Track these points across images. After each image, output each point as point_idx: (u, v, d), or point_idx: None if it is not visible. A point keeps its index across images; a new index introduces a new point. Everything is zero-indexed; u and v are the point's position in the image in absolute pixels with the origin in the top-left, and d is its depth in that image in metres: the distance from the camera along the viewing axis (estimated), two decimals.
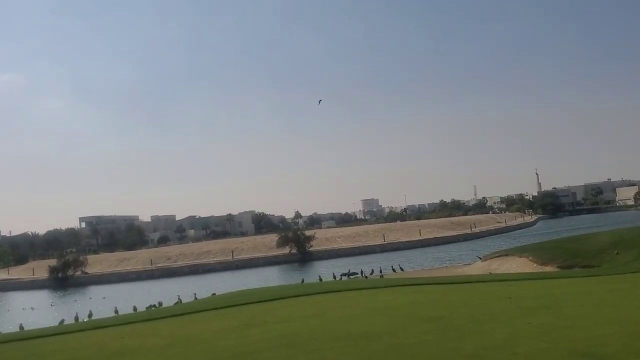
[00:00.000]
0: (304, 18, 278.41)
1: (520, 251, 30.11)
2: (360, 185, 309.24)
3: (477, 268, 31.34)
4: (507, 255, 30.81)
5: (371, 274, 37.37)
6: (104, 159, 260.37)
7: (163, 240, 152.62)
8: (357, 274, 38.50)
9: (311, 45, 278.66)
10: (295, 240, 77.13)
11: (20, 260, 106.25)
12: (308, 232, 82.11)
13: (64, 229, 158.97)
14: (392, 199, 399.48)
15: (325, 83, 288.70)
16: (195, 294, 33.06)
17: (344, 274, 37.95)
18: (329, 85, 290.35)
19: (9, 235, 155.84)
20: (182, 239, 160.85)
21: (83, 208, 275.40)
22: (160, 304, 30.49)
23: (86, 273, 73.15)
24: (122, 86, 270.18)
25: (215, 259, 78.37)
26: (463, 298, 12.79)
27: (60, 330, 13.99)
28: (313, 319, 10.78)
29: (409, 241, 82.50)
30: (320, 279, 35.67)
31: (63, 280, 70.95)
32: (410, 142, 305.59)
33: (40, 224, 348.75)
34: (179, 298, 31.79)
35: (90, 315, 28.33)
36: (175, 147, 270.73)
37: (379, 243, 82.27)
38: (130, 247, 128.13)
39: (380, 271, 38.69)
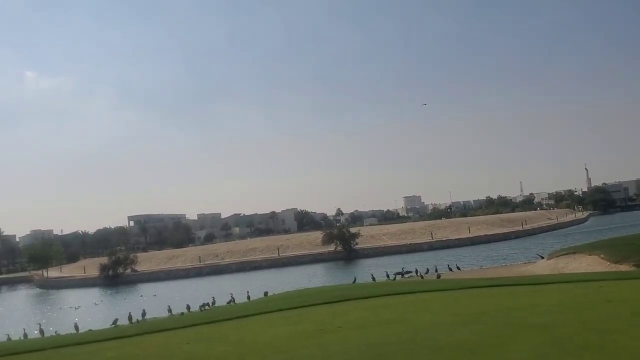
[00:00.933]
0: (344, 16, 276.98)
1: (589, 249, 28.20)
2: (402, 182, 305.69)
3: (543, 267, 29.57)
4: (574, 253, 28.93)
5: (426, 273, 35.95)
6: (151, 158, 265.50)
7: (209, 238, 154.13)
8: (412, 272, 37.10)
9: (350, 43, 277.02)
10: (340, 237, 76.07)
11: (72, 258, 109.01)
12: (353, 230, 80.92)
13: (113, 227, 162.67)
14: (435, 196, 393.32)
15: (363, 81, 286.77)
16: (248, 292, 32.36)
17: (398, 273, 36.63)
18: (368, 82, 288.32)
19: (60, 234, 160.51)
20: (228, 236, 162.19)
21: (132, 207, 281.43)
22: (213, 302, 30.00)
23: (136, 271, 74.00)
24: (166, 87, 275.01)
25: (261, 257, 78.17)
26: (555, 301, 11.49)
27: (117, 334, 13.39)
28: (395, 325, 9.73)
29: (458, 239, 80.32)
30: (373, 278, 34.50)
31: (113, 278, 71.90)
32: (453, 139, 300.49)
33: (90, 223, 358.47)
34: (232, 297, 31.18)
35: (143, 314, 27.92)
36: (219, 146, 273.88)
37: (426, 241, 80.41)
38: (178, 245, 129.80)
39: (436, 270, 37.21)
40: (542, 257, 37.47)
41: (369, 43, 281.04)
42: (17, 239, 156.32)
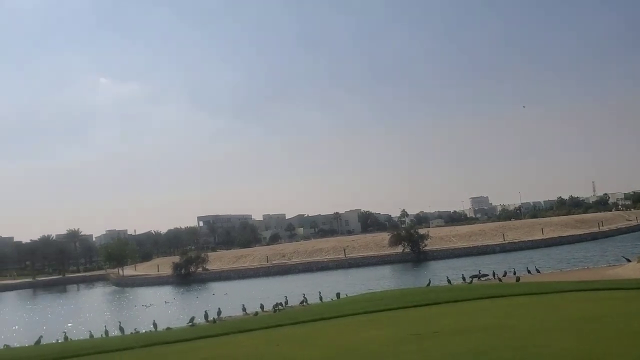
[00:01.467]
0: (405, 17, 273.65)
1: None
2: (469, 183, 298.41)
3: (632, 270, 27.72)
4: None
5: (504, 276, 34.56)
6: (219, 159, 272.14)
7: (274, 239, 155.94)
8: (488, 275, 35.80)
9: (410, 43, 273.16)
10: (408, 239, 74.73)
11: (146, 257, 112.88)
12: (422, 231, 79.39)
13: (183, 227, 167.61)
14: (504, 197, 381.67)
15: (427, 79, 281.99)
16: (320, 293, 32.20)
17: (475, 276, 35.39)
18: (431, 81, 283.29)
19: (134, 234, 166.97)
20: (292, 236, 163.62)
21: (201, 208, 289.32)
22: (286, 302, 30.00)
23: (207, 270, 75.60)
24: (234, 90, 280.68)
25: (328, 257, 78.06)
26: None
27: (201, 333, 13.37)
28: (497, 330, 9.09)
29: (531, 240, 77.26)
30: (449, 281, 33.53)
31: (185, 277, 73.71)
32: (522, 137, 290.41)
33: (162, 224, 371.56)
34: (304, 297, 31.10)
35: (219, 312, 28.29)
36: (284, 146, 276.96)
37: (498, 243, 77.77)
38: (245, 244, 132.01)
39: (514, 273, 35.74)
40: (629, 260, 35.24)
41: (430, 42, 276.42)
42: (94, 239, 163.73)
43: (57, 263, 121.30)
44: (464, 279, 34.76)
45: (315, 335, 10.70)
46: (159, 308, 47.36)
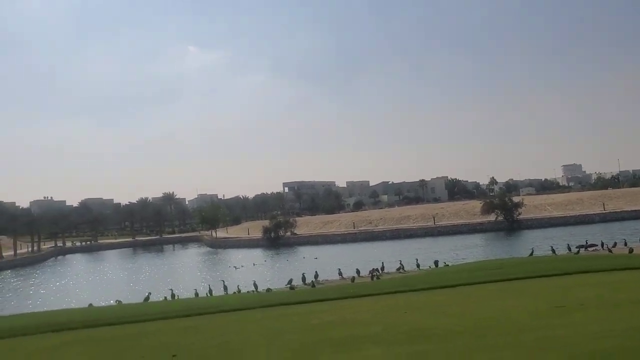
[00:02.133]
0: None
1: None
2: (561, 150, 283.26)
3: None
4: None
5: (614, 247, 32.37)
6: (303, 127, 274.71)
7: (358, 205, 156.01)
8: (597, 245, 33.70)
9: (500, 7, 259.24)
10: (501, 207, 72.09)
11: (235, 221, 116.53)
12: (516, 199, 76.28)
13: (269, 193, 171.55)
14: (599, 164, 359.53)
15: (516, 46, 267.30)
16: (417, 260, 31.61)
17: (581, 246, 33.41)
18: (520, 48, 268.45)
19: (223, 198, 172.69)
20: (376, 204, 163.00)
21: (286, 174, 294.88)
22: (382, 268, 29.67)
23: (295, 234, 76.88)
24: (317, 57, 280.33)
25: (416, 224, 76.97)
26: None
27: (315, 296, 13.16)
28: None
29: (635, 210, 72.20)
30: (554, 251, 31.84)
31: (275, 240, 75.39)
32: (618, 102, 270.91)
33: (249, 189, 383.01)
34: (400, 264, 30.63)
35: (316, 276, 28.44)
36: (368, 114, 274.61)
37: (597, 212, 73.42)
38: (329, 211, 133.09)
39: (625, 243, 33.38)
40: None
41: (514, 8, 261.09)
42: (187, 202, 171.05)
43: (154, 224, 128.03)
44: (569, 248, 32.88)
45: (441, 303, 10.12)
46: (252, 269, 48.57)
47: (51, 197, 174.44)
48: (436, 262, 30.14)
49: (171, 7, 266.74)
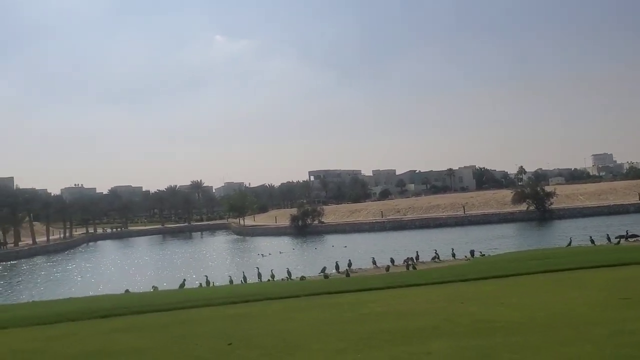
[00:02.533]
0: None
1: None
2: (591, 139, 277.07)
3: None
4: None
5: None
6: (328, 115, 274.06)
7: (384, 194, 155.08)
8: (638, 236, 32.80)
9: None
10: (533, 196, 70.86)
11: (262, 208, 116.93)
12: (548, 188, 74.87)
13: (295, 181, 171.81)
14: (630, 154, 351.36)
15: (543, 30, 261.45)
16: (453, 249, 31.15)
17: (621, 236, 32.55)
18: (551, 31, 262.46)
19: (249, 186, 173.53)
20: (403, 193, 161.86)
21: (312, 162, 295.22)
22: (417, 257, 29.28)
23: (322, 222, 76.74)
24: (342, 45, 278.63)
25: (445, 214, 76.17)
26: None
27: (360, 285, 12.89)
28: None
29: None
30: (592, 241, 31.05)
31: (302, 228, 75.37)
32: None
33: (275, 177, 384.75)
34: (436, 253, 30.20)
35: (349, 264, 28.18)
36: (394, 102, 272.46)
37: (633, 202, 71.61)
38: (355, 199, 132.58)
39: None
40: None
41: None
42: (214, 190, 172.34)
43: (182, 212, 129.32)
44: (608, 239, 32.01)
45: (496, 294, 9.75)
46: (280, 257, 48.59)
47: (82, 185, 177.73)
48: (472, 252, 29.65)
49: None
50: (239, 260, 50.41)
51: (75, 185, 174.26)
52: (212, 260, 53.21)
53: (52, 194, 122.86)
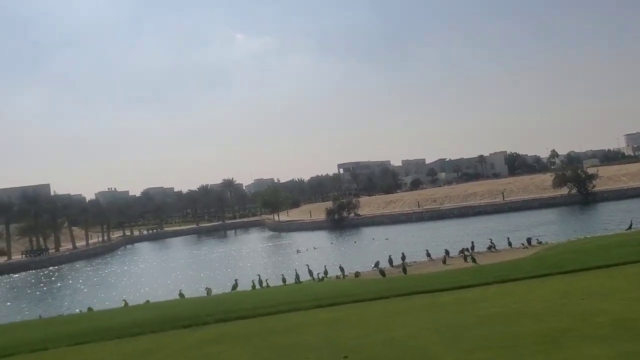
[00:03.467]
0: None
1: None
2: (624, 118, 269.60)
3: None
4: None
5: None
6: (353, 106, 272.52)
7: (415, 184, 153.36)
8: None
9: None
10: (574, 179, 68.89)
11: (294, 203, 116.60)
12: (590, 170, 72.75)
13: (323, 175, 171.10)
14: None
15: (569, 7, 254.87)
16: (509, 238, 30.12)
17: None
18: (576, 8, 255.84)
19: (279, 182, 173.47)
20: (434, 182, 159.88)
21: (341, 155, 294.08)
22: (472, 247, 28.32)
23: (359, 215, 75.99)
24: (362, 33, 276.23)
25: (483, 201, 74.65)
26: None
27: (433, 284, 12.11)
28: None
29: None
30: None
31: (338, 222, 74.69)
32: None
33: (304, 171, 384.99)
34: (491, 242, 29.24)
35: (403, 257, 27.33)
36: (419, 89, 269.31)
37: None
38: (386, 190, 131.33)
39: None
40: None
41: None
42: (244, 187, 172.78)
43: (215, 210, 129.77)
44: None
45: (617, 287, 8.88)
46: (320, 252, 47.97)
47: (115, 188, 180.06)
48: (529, 240, 28.57)
49: None
50: (280, 258, 49.95)
51: (108, 189, 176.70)
52: (252, 258, 52.87)
53: (87, 199, 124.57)
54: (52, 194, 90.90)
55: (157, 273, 50.20)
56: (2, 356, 9.39)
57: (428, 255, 28.82)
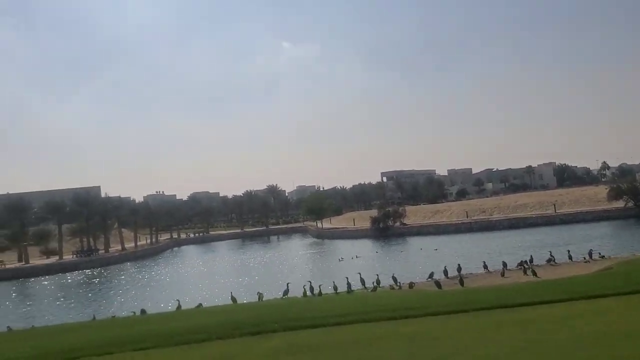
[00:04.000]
0: None
1: None
2: None
3: None
4: None
5: None
6: (397, 114, 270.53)
7: (462, 194, 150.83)
8: None
9: None
10: (631, 192, 66.24)
11: (336, 211, 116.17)
12: None
13: (366, 183, 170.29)
14: None
15: (623, 16, 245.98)
16: (569, 251, 28.86)
17: None
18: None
19: (319, 189, 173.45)
20: (480, 192, 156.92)
21: (384, 164, 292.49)
22: (531, 260, 27.22)
23: (404, 224, 74.88)
24: (408, 43, 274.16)
25: (534, 213, 72.47)
26: None
27: (521, 297, 11.36)
28: None
29: None
30: None
31: (383, 230, 73.75)
32: None
33: (346, 179, 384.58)
34: (551, 254, 28.07)
35: (459, 268, 26.42)
36: (463, 99, 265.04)
37: None
38: (432, 200, 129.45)
39: None
40: None
41: None
42: (287, 194, 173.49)
43: (259, 216, 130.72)
44: None
45: None
46: (362, 261, 47.19)
47: (162, 192, 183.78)
48: (590, 253, 27.31)
49: (262, 4, 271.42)
50: (323, 265, 49.51)
51: (156, 192, 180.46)
52: (296, 264, 52.56)
53: (135, 201, 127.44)
54: (102, 196, 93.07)
55: (203, 276, 50.50)
56: (69, 358, 9.23)
57: (485, 267, 27.76)
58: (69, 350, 9.67)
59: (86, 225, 75.17)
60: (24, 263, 67.84)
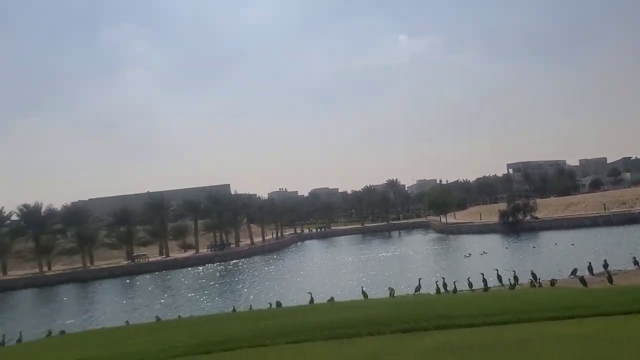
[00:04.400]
0: None
1: None
2: None
3: None
4: None
5: None
6: (520, 104, 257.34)
7: (595, 185, 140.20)
8: None
9: None
10: None
11: (460, 205, 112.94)
12: None
13: (490, 175, 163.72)
14: None
15: None
16: None
17: None
18: None
19: (442, 183, 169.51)
20: (617, 182, 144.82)
21: (509, 155, 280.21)
22: None
23: (536, 218, 71.07)
24: (530, 30, 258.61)
25: None
26: None
27: None
28: None
29: None
30: None
31: (513, 225, 70.55)
32: None
33: (469, 172, 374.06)
34: None
35: (605, 265, 24.39)
36: (600, 82, 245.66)
37: None
38: (563, 192, 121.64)
39: None
40: None
41: None
42: (406, 188, 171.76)
43: (378, 211, 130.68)
44: None
45: None
46: (490, 257, 45.28)
47: (285, 189, 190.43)
48: None
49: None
50: (449, 261, 48.31)
51: (279, 189, 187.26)
52: (420, 260, 51.70)
53: (260, 198, 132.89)
54: (232, 193, 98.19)
55: (329, 270, 51.38)
56: (224, 350, 9.56)
57: (635, 262, 25.44)
58: (226, 340, 10.07)
59: (219, 221, 79.71)
60: (165, 256, 73.38)
